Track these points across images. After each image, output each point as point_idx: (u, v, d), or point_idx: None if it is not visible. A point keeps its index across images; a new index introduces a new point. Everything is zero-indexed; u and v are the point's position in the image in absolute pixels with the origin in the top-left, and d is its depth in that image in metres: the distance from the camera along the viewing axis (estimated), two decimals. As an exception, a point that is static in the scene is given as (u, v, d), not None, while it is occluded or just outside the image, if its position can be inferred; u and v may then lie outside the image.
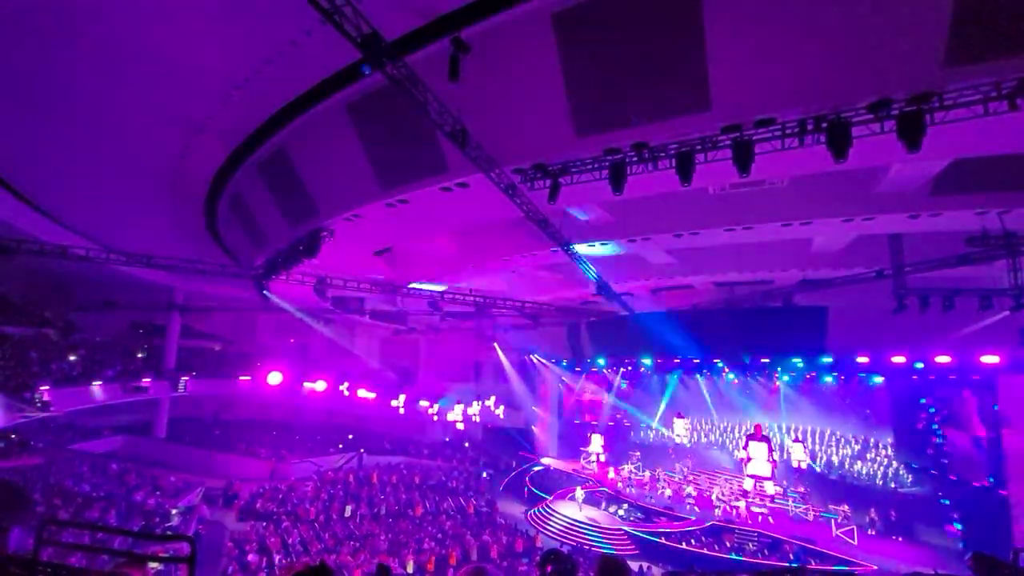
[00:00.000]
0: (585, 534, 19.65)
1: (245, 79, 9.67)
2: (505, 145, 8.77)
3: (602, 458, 24.43)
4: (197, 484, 21.79)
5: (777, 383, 22.01)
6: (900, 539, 17.32)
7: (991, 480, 16.11)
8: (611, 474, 23.63)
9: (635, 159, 8.26)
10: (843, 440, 20.97)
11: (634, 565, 15.90)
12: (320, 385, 30.43)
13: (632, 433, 27.24)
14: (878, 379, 19.31)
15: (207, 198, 15.46)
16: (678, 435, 23.23)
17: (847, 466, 20.24)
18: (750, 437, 13.98)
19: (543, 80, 8.14)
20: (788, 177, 11.18)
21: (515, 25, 7.67)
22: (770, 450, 13.63)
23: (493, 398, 29.76)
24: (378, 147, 10.43)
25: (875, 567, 15.19)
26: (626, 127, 8.09)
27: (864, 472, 19.69)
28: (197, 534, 17.16)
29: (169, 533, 16.14)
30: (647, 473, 23.18)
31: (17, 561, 2.32)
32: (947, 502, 17.01)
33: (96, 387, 24.23)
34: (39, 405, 20.55)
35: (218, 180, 14.13)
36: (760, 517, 18.46)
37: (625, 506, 20.88)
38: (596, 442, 24.59)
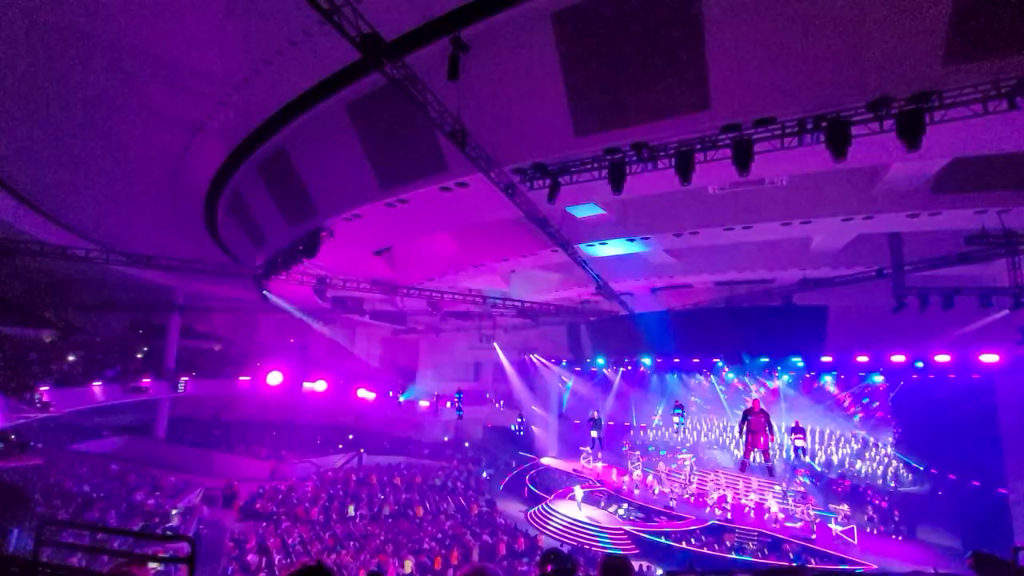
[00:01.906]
0: (585, 534, 19.66)
1: (244, 79, 9.68)
2: (504, 145, 8.78)
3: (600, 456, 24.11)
4: (197, 484, 21.80)
5: (777, 382, 22.02)
6: (900, 538, 17.34)
7: (990, 479, 16.14)
8: (614, 475, 23.62)
9: (635, 158, 8.26)
10: (843, 439, 21.00)
11: (635, 564, 15.91)
12: (320, 385, 30.42)
13: (632, 432, 27.27)
14: (878, 378, 19.33)
15: (207, 198, 15.45)
16: (677, 423, 22.91)
17: (847, 465, 20.26)
18: (748, 412, 14.03)
19: (543, 79, 8.14)
20: (788, 176, 11.18)
21: (515, 24, 7.67)
22: (768, 424, 13.75)
23: (490, 394, 30.03)
24: (377, 147, 10.43)
25: (875, 566, 15.21)
26: (626, 126, 8.09)
27: (864, 471, 19.71)
28: (197, 534, 17.19)
29: (169, 533, 16.16)
30: (649, 472, 23.21)
31: (17, 561, 2.33)
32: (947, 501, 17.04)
33: (96, 387, 24.22)
34: (39, 406, 20.55)
35: (218, 180, 14.12)
36: (751, 512, 18.53)
37: (625, 505, 20.89)
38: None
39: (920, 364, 16.88)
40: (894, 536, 17.48)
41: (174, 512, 18.40)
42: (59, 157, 13.68)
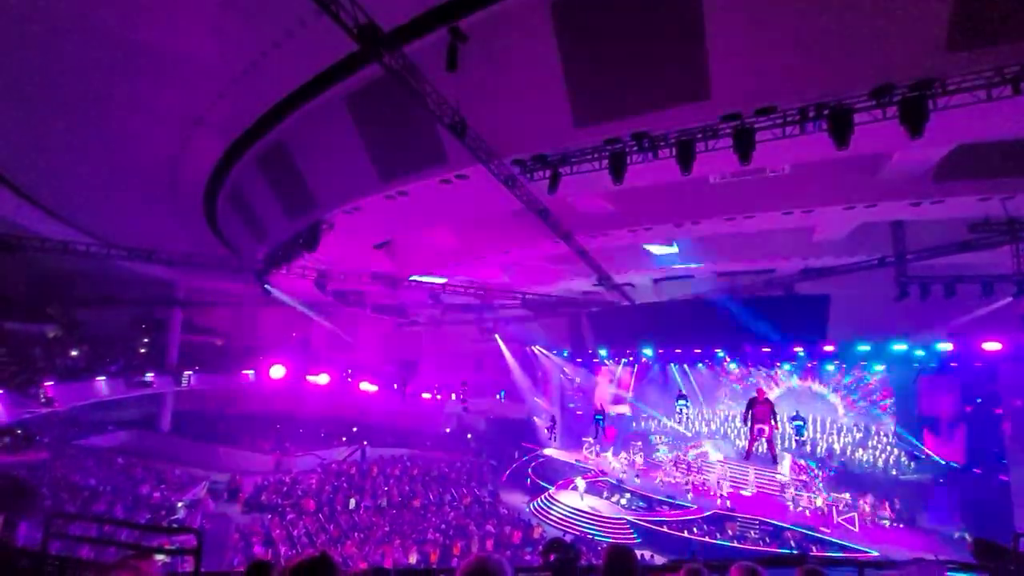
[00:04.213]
0: (587, 523, 19.82)
1: (243, 71, 9.62)
2: (504, 136, 8.73)
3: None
4: (202, 477, 22.00)
5: (779, 372, 22.07)
6: (901, 526, 17.44)
7: (992, 466, 16.20)
8: (615, 465, 23.74)
9: (635, 148, 8.22)
10: (844, 428, 21.07)
11: (637, 553, 16.04)
12: (323, 379, 30.54)
13: (634, 423, 27.36)
14: (879, 367, 19.35)
15: (207, 192, 15.43)
16: (678, 413, 23.04)
17: (848, 453, 20.35)
18: (752, 401, 14.13)
19: (542, 69, 8.07)
20: (789, 165, 11.12)
21: (513, 14, 7.60)
22: (772, 413, 13.85)
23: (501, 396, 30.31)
24: (377, 139, 10.39)
25: (876, 554, 15.32)
26: (626, 116, 8.04)
27: (866, 460, 19.79)
28: (202, 527, 17.36)
29: (175, 526, 16.34)
30: (636, 459, 23.33)
31: (27, 554, 2.36)
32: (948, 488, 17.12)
33: (100, 382, 24.36)
34: (43, 400, 20.69)
35: (217, 173, 14.09)
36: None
37: (628, 495, 21.03)
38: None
39: (922, 352, 16.90)
40: (895, 523, 17.57)
41: (180, 505, 18.59)
42: (58, 153, 13.64)
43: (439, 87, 7.55)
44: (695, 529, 18.12)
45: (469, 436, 31.33)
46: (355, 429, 31.18)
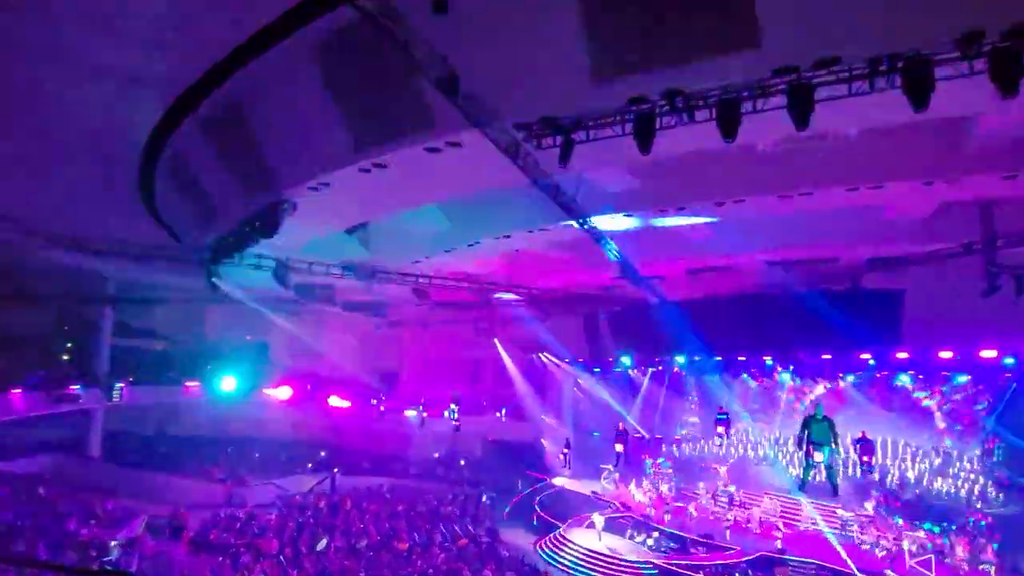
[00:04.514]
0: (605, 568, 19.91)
1: (186, 15, 9.62)
2: (505, 94, 8.70)
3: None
4: (139, 511, 22.11)
5: (842, 384, 22.08)
6: (988, 568, 17.44)
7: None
8: (640, 496, 23.82)
9: (666, 109, 8.19)
10: (921, 452, 21.07)
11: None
12: (284, 392, 30.66)
13: (664, 446, 27.43)
14: (964, 378, 19.33)
15: (143, 167, 15.43)
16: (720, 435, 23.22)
17: (925, 482, 20.37)
18: (809, 419, 14.21)
19: (553, 10, 8.05)
20: (856, 131, 11.09)
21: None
22: (833, 434, 13.94)
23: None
24: (350, 99, 10.40)
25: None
26: (654, 68, 7.99)
27: (946, 490, 19.80)
28: (140, 571, 17.47)
29: (108, 569, 16.43)
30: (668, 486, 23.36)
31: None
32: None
33: (15, 395, 24.48)
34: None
35: (154, 143, 14.09)
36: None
37: (656, 534, 21.11)
38: None
39: (1013, 360, 16.87)
40: (981, 565, 17.57)
41: (113, 544, 18.68)
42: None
43: (425, 35, 7.53)
44: (738, 575, 18.18)
45: (463, 462, 31.43)
46: (323, 453, 31.35)
